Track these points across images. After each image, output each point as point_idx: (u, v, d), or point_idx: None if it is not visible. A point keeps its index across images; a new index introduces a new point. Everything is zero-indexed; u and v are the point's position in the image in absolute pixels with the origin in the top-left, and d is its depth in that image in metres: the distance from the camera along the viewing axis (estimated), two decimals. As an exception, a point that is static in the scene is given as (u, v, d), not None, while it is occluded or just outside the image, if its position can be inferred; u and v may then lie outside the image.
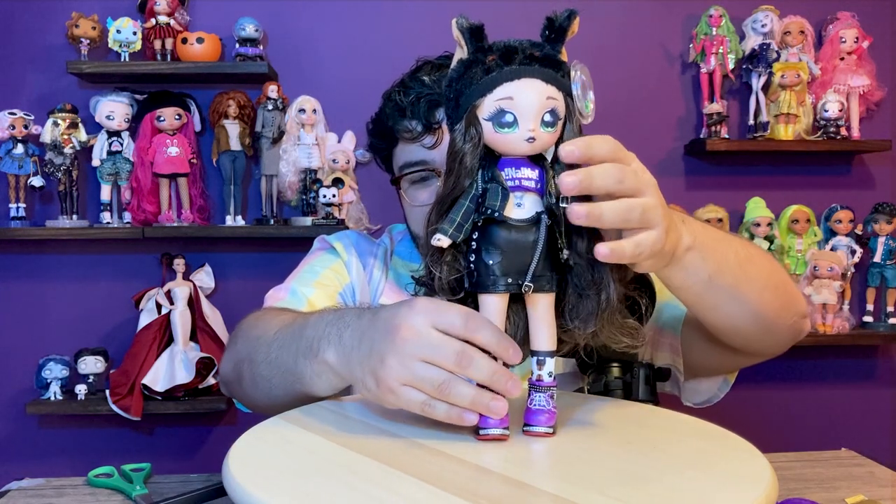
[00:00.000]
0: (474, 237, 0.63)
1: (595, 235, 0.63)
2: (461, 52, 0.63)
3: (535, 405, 0.65)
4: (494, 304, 0.63)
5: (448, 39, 0.66)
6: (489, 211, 0.61)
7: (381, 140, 1.07)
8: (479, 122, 0.61)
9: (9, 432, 2.18)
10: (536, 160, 0.62)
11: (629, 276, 0.67)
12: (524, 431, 0.65)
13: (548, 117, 0.60)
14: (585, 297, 0.63)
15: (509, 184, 0.61)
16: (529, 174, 0.62)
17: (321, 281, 1.10)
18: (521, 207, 0.62)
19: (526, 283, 0.61)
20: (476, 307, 0.64)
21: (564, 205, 0.60)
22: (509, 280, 0.62)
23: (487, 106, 0.60)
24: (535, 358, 0.65)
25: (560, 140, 0.62)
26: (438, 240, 0.61)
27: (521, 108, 0.60)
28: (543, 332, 0.64)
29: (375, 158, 1.12)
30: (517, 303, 0.64)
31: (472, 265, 0.63)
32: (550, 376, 0.64)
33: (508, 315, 0.64)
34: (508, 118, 0.60)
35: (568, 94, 0.61)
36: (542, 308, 0.63)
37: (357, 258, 1.14)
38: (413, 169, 1.01)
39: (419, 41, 2.16)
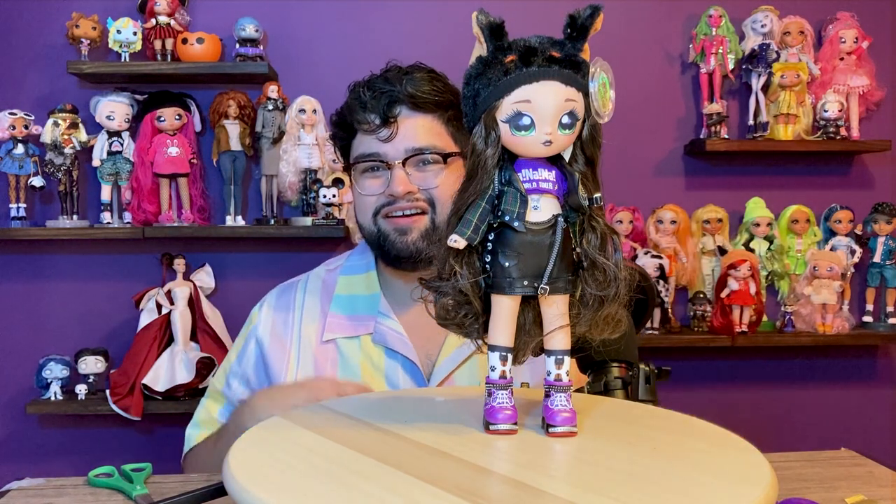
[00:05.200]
0: (490, 238, 0.63)
1: (608, 236, 0.63)
2: (480, 49, 0.62)
3: (555, 405, 0.64)
4: (508, 305, 0.63)
5: (448, 40, 0.66)
6: (507, 217, 0.61)
7: (342, 130, 1.15)
8: (497, 125, 0.61)
9: (9, 432, 2.18)
10: (553, 160, 0.62)
11: (636, 279, 0.67)
12: (548, 433, 0.64)
13: (566, 119, 0.60)
14: (594, 296, 0.64)
15: (526, 185, 0.61)
16: (546, 175, 0.61)
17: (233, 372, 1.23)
18: (538, 210, 0.61)
19: (542, 285, 0.61)
20: (489, 306, 0.64)
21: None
22: (525, 283, 0.62)
23: (505, 108, 0.60)
24: (552, 357, 0.64)
25: (579, 139, 0.62)
26: (455, 241, 0.61)
27: (538, 110, 0.59)
28: (560, 331, 0.64)
29: (335, 149, 1.21)
30: (525, 300, 0.64)
31: (487, 266, 0.63)
32: (568, 375, 0.64)
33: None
34: (525, 121, 0.59)
35: (587, 94, 0.60)
36: (557, 308, 0.63)
37: (273, 318, 1.21)
38: (366, 159, 1.10)
39: (419, 41, 2.17)
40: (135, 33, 2.02)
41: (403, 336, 1.13)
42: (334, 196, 2.02)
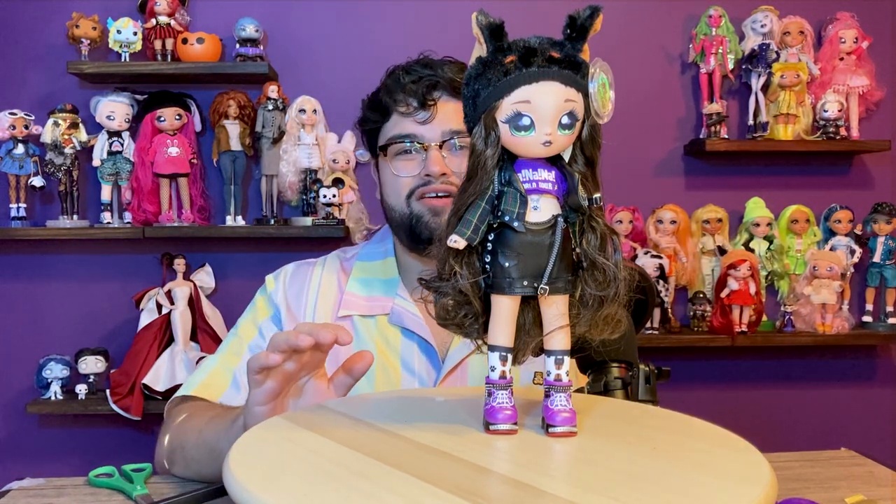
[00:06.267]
0: (489, 238, 0.63)
1: (607, 236, 0.63)
2: (480, 50, 0.62)
3: (556, 405, 0.64)
4: (508, 305, 0.63)
5: (448, 40, 0.66)
6: (507, 217, 0.61)
7: (375, 113, 1.15)
8: (497, 125, 0.61)
9: (9, 432, 2.18)
10: (553, 161, 0.62)
11: (636, 279, 0.67)
12: (548, 433, 0.64)
13: (566, 119, 0.60)
14: (594, 296, 0.64)
15: (526, 186, 0.61)
16: (546, 176, 0.61)
17: (240, 340, 1.19)
18: (538, 210, 0.61)
19: (542, 285, 0.61)
20: (489, 306, 0.64)
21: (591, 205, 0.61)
22: (525, 283, 0.62)
23: (505, 108, 0.60)
24: (552, 357, 0.64)
25: (579, 139, 0.62)
26: (454, 241, 0.61)
27: (538, 111, 0.59)
28: (560, 331, 0.64)
29: (361, 133, 1.20)
30: (525, 300, 0.64)
31: (487, 267, 0.63)
32: (568, 375, 0.65)
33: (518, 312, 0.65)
34: (525, 121, 0.59)
35: (587, 95, 0.60)
36: (557, 308, 0.63)
37: (286, 288, 1.21)
38: (402, 139, 1.10)
39: (419, 41, 2.15)
40: (135, 33, 2.02)
41: (420, 318, 1.13)
42: (334, 196, 2.02)
